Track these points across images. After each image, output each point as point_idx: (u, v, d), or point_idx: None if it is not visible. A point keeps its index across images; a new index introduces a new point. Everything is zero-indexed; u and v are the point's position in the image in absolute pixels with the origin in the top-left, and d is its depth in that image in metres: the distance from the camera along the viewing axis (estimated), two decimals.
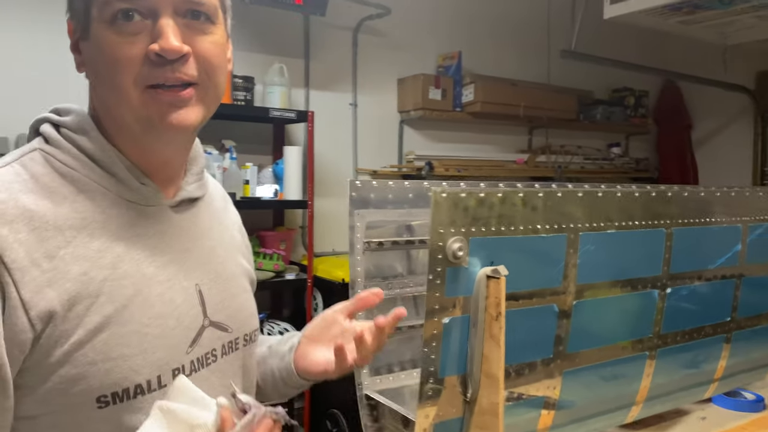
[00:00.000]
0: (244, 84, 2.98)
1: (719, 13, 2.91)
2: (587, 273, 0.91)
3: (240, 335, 0.91)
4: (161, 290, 0.79)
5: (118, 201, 0.79)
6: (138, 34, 0.74)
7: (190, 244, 0.86)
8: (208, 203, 0.94)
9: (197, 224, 0.89)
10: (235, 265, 0.95)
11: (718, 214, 1.10)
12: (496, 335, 0.77)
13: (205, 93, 0.80)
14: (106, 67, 0.76)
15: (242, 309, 0.93)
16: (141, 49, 0.74)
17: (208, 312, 0.85)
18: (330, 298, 3.05)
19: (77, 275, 0.72)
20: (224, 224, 0.98)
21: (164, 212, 0.84)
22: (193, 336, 0.81)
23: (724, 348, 1.17)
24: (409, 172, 3.68)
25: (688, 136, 4.89)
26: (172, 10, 0.75)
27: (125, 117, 0.77)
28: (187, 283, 0.83)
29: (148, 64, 0.74)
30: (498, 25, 4.12)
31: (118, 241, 0.77)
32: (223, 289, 0.89)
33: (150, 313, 0.76)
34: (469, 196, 0.77)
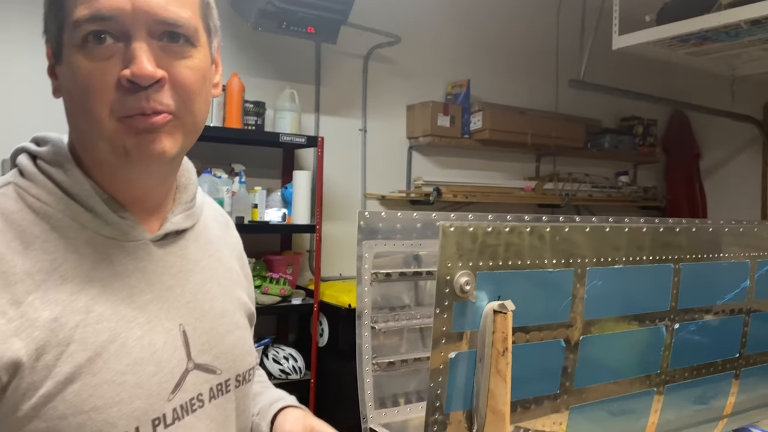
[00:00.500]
0: (255, 109, 3.01)
1: (727, 45, 2.93)
2: (594, 308, 0.91)
3: (231, 376, 0.84)
4: (140, 333, 0.73)
5: (94, 238, 0.74)
6: (110, 58, 0.69)
7: (174, 280, 0.80)
8: (200, 233, 0.88)
9: (185, 258, 0.83)
10: (230, 301, 0.88)
11: (726, 249, 1.10)
12: (502, 370, 0.77)
13: (182, 122, 0.74)
14: (78, 94, 0.71)
15: (234, 348, 0.85)
16: (113, 75, 0.69)
17: (193, 354, 0.78)
18: (336, 323, 3.04)
19: (46, 322, 0.66)
20: (219, 255, 0.91)
21: (146, 248, 0.78)
22: (176, 381, 0.75)
23: (732, 384, 1.16)
24: (418, 197, 3.69)
25: (696, 166, 4.89)
26: (147, 32, 0.70)
27: (100, 146, 0.72)
28: (170, 323, 0.77)
29: (121, 90, 0.69)
30: (507, 54, 4.16)
31: (93, 282, 0.71)
32: (210, 328, 0.82)
33: (127, 359, 0.70)
34: (477, 229, 0.78)
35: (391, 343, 1.02)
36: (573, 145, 4.18)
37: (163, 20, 0.70)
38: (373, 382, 0.98)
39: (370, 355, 0.98)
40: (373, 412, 0.97)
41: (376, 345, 1.01)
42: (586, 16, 3.49)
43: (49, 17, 0.74)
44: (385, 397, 1.00)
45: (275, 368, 2.94)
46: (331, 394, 3.08)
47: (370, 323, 0.98)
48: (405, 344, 1.05)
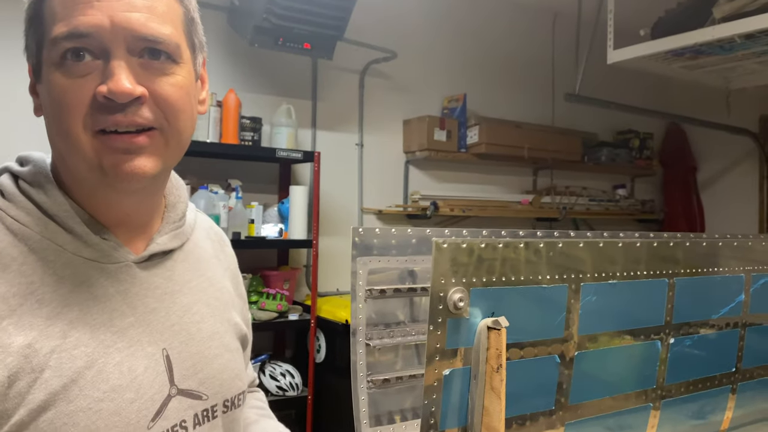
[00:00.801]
0: (251, 125, 3.02)
1: (721, 59, 2.95)
2: (589, 323, 0.91)
3: (218, 402, 0.81)
4: (119, 358, 0.70)
5: (74, 260, 0.71)
6: (87, 75, 0.68)
7: (159, 303, 0.77)
8: (190, 252, 0.86)
9: (171, 279, 0.80)
10: (219, 322, 0.86)
11: (721, 263, 1.10)
12: (497, 387, 0.76)
13: (165, 140, 0.72)
14: (54, 111, 0.69)
15: (222, 372, 0.83)
16: (89, 91, 0.68)
17: (176, 379, 0.76)
18: (333, 339, 3.03)
19: (20, 348, 0.64)
20: (210, 275, 0.88)
21: (128, 270, 0.75)
22: (157, 408, 0.72)
23: (729, 399, 1.15)
24: (415, 212, 3.70)
25: (693, 178, 4.90)
26: (126, 49, 0.68)
27: (78, 166, 0.71)
28: (152, 348, 0.74)
29: (97, 107, 0.68)
30: (503, 68, 4.19)
31: (71, 305, 0.69)
32: (196, 352, 0.80)
33: (104, 386, 0.68)
34: (471, 245, 0.78)
35: (386, 359, 1.02)
36: (570, 158, 4.20)
37: (143, 37, 0.69)
38: (368, 400, 0.98)
39: (365, 372, 0.97)
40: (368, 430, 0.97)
41: (371, 362, 1.00)
42: (581, 30, 3.51)
43: (29, 35, 0.73)
44: (380, 415, 0.99)
45: (272, 385, 2.92)
46: (329, 410, 3.07)
47: (365, 340, 0.97)
48: (400, 361, 1.05)
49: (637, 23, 2.89)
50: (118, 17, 0.67)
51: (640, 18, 2.91)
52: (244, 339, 0.93)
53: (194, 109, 0.78)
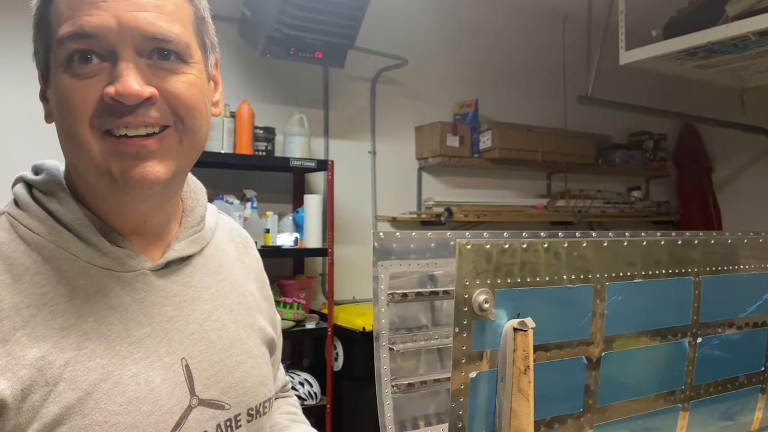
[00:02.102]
0: (264, 135, 3.04)
1: (735, 58, 2.93)
2: (615, 323, 0.90)
3: (242, 411, 0.79)
4: (136, 370, 0.69)
5: (88, 269, 0.70)
6: (94, 76, 0.66)
7: (177, 311, 0.75)
8: (210, 256, 0.84)
9: (190, 285, 0.78)
10: (242, 328, 0.84)
11: (746, 261, 1.08)
12: (524, 389, 0.75)
13: (178, 139, 0.71)
14: (62, 113, 0.68)
15: (245, 379, 0.80)
16: (97, 91, 0.66)
17: (197, 389, 0.74)
18: (350, 347, 3.02)
19: (34, 360, 0.63)
20: (232, 279, 0.86)
21: (144, 278, 0.73)
22: (176, 420, 0.71)
23: (759, 399, 1.13)
24: (429, 218, 3.69)
25: (708, 179, 4.86)
26: (133, 50, 0.66)
27: (88, 171, 0.69)
28: (170, 358, 0.72)
29: (105, 109, 0.66)
30: (514, 73, 4.18)
31: (86, 316, 0.67)
32: (218, 360, 0.78)
33: (120, 399, 0.66)
34: (494, 246, 0.77)
35: (410, 364, 1.01)
36: (583, 161, 4.17)
37: (152, 36, 0.67)
38: (393, 405, 0.97)
39: (389, 377, 0.96)
40: None
41: (394, 367, 0.99)
42: (591, 32, 3.50)
43: (36, 40, 0.72)
44: (405, 420, 0.99)
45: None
46: (348, 418, 3.05)
47: (388, 344, 0.97)
48: (423, 365, 1.04)
49: (649, 23, 2.88)
50: (124, 17, 0.65)
51: (652, 18, 2.89)
52: (272, 343, 0.91)
53: (208, 109, 0.76)
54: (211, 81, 0.79)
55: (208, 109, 0.76)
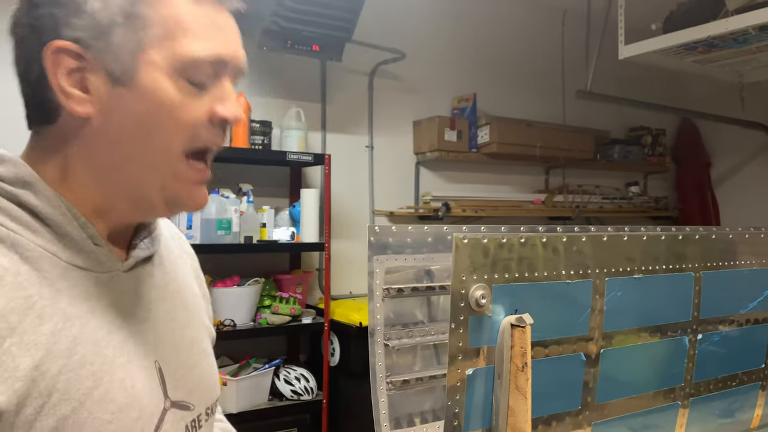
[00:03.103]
0: (261, 128, 3.01)
1: (734, 52, 2.91)
2: (615, 319, 0.88)
3: (202, 410, 0.79)
4: (122, 375, 0.67)
5: (69, 270, 0.65)
6: (204, 92, 0.68)
7: (146, 313, 0.74)
8: (162, 256, 0.82)
9: (154, 285, 0.77)
10: (197, 327, 0.83)
11: (746, 257, 1.07)
12: (522, 387, 0.74)
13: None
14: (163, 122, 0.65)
15: (203, 378, 0.80)
16: (206, 108, 0.68)
17: (169, 391, 0.73)
18: (347, 342, 3.01)
19: (27, 371, 0.59)
20: (182, 277, 0.85)
21: (118, 279, 0.71)
22: (156, 422, 0.69)
23: (759, 396, 1.12)
24: (426, 213, 3.67)
25: (707, 174, 4.85)
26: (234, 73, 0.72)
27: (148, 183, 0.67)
28: (147, 361, 0.71)
29: (207, 126, 0.68)
30: (513, 67, 4.16)
31: (72, 320, 0.63)
32: (183, 361, 0.77)
33: (111, 407, 0.64)
34: (491, 241, 0.75)
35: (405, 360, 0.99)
36: (582, 156, 4.16)
37: (243, 71, 0.73)
38: (388, 402, 0.95)
39: (383, 373, 0.95)
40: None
41: (389, 363, 0.98)
42: (591, 26, 3.48)
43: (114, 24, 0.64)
44: (400, 417, 0.97)
45: (287, 389, 2.90)
46: (345, 414, 3.04)
47: (383, 340, 0.95)
48: (419, 362, 1.02)
49: (649, 17, 2.86)
50: (240, 49, 0.72)
51: (652, 12, 2.87)
52: (213, 341, 0.90)
53: None
54: None
55: None
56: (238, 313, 2.80)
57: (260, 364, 2.91)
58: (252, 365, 2.91)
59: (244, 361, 2.92)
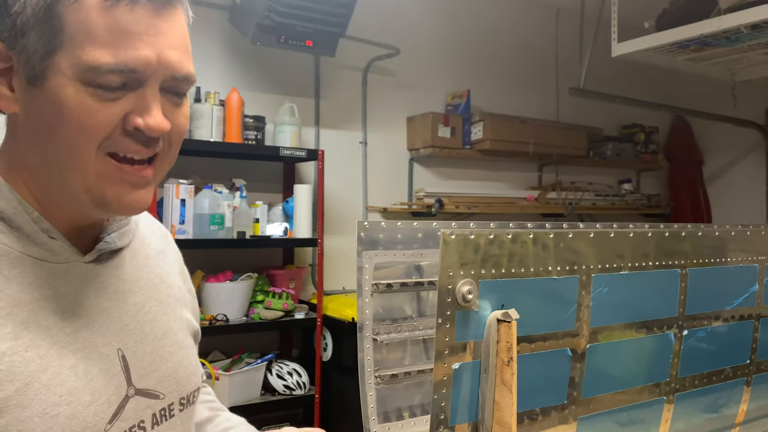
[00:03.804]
0: (254, 123, 3.01)
1: (727, 51, 2.93)
2: (601, 315, 0.89)
3: (175, 400, 0.81)
4: (74, 361, 0.68)
5: (21, 259, 0.68)
6: (117, 100, 0.66)
7: (111, 303, 0.76)
8: (137, 250, 0.84)
9: (121, 278, 0.79)
10: (172, 320, 0.85)
11: (733, 254, 1.08)
12: (508, 381, 0.74)
13: (161, 165, 0.73)
14: (67, 128, 0.65)
15: (178, 369, 0.82)
16: (118, 115, 0.66)
17: (134, 379, 0.75)
18: (339, 337, 3.01)
19: None
20: (159, 272, 0.86)
21: (78, 269, 0.73)
22: (114, 409, 0.71)
23: (744, 391, 1.13)
24: (419, 209, 3.68)
25: (699, 172, 4.87)
26: (159, 84, 0.68)
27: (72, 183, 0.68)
28: (107, 349, 0.73)
29: (121, 133, 0.67)
30: (506, 64, 4.16)
31: (21, 306, 0.66)
32: (152, 351, 0.79)
33: (60, 389, 0.66)
34: (479, 237, 0.76)
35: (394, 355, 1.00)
36: (575, 153, 4.17)
37: (179, 77, 0.69)
38: (376, 396, 0.96)
39: (372, 368, 0.96)
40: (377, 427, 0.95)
41: (378, 357, 0.99)
42: (584, 24, 3.49)
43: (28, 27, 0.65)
44: (388, 411, 0.98)
45: (279, 384, 2.91)
46: (337, 409, 3.05)
47: (372, 335, 0.96)
48: (408, 356, 1.03)
49: (642, 15, 2.87)
50: (164, 54, 0.67)
51: (645, 10, 2.88)
52: (196, 335, 0.92)
53: None
54: None
55: None
56: (231, 308, 2.80)
57: (253, 359, 2.92)
58: (244, 360, 2.92)
59: (237, 355, 2.92)
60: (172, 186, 2.66)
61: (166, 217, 2.69)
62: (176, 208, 2.67)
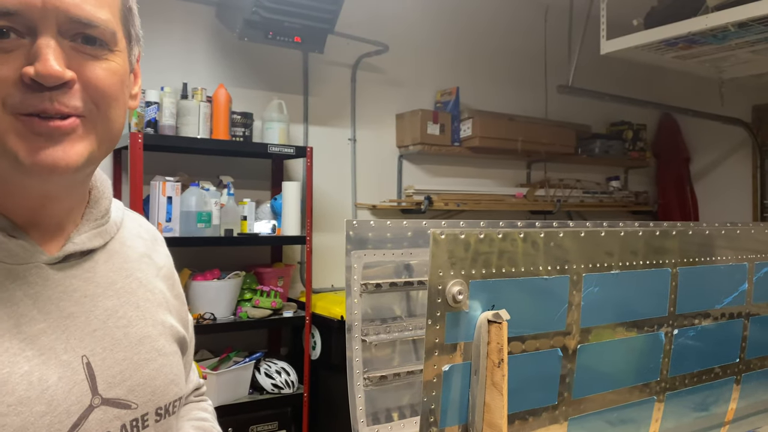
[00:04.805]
0: (242, 120, 2.99)
1: (714, 48, 2.94)
2: (591, 315, 0.88)
3: (150, 410, 0.75)
4: (28, 368, 0.64)
5: None
6: (12, 51, 0.61)
7: (77, 307, 0.71)
8: (115, 252, 0.79)
9: (92, 281, 0.74)
10: (151, 325, 0.80)
11: (723, 252, 1.08)
12: (498, 383, 0.74)
13: (93, 129, 0.67)
14: None
15: (155, 378, 0.77)
16: (14, 70, 0.61)
17: (101, 388, 0.70)
18: (328, 335, 3.00)
19: None
20: (139, 275, 0.82)
21: (39, 271, 0.69)
22: (75, 420, 0.66)
23: (734, 390, 1.13)
24: (409, 206, 3.67)
25: (687, 169, 4.90)
26: (56, 29, 0.63)
27: None
28: (68, 356, 0.68)
29: (22, 88, 0.62)
30: (495, 61, 4.16)
31: None
32: (124, 358, 0.74)
33: (9, 399, 0.62)
34: (469, 236, 0.75)
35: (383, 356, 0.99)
36: (563, 151, 4.18)
37: (77, 19, 0.64)
38: (365, 397, 0.95)
39: (361, 369, 0.94)
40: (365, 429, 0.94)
41: (367, 358, 0.97)
42: (573, 21, 3.49)
43: None
44: (378, 412, 0.97)
45: (267, 382, 2.89)
46: (325, 407, 3.04)
47: (361, 336, 0.95)
48: (397, 357, 1.02)
49: (630, 13, 2.87)
50: None
51: (633, 8, 2.89)
52: (183, 342, 0.87)
53: (127, 101, 0.73)
54: (132, 74, 0.77)
55: (127, 101, 0.73)
56: (218, 307, 2.78)
57: (241, 358, 2.90)
58: (232, 359, 2.89)
59: (225, 354, 2.90)
60: (159, 183, 2.63)
61: (152, 214, 2.66)
62: (163, 206, 2.64)
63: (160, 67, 2.97)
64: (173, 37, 3.03)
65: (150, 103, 2.74)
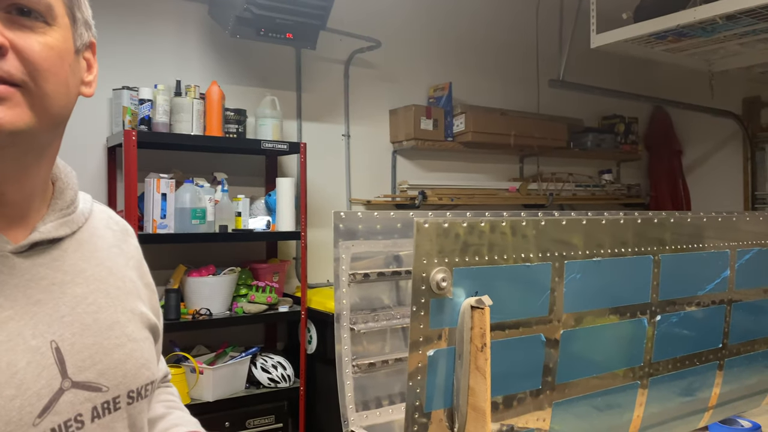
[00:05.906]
0: (235, 117, 3.00)
1: (703, 41, 2.96)
2: (574, 301, 0.91)
3: (122, 393, 0.77)
4: None
5: None
6: None
7: (45, 294, 0.72)
8: (84, 241, 0.80)
9: (60, 269, 0.75)
10: (121, 312, 0.81)
11: (706, 240, 1.10)
12: (481, 367, 0.76)
13: (29, 99, 0.66)
14: None
15: (126, 362, 0.78)
16: None
17: (70, 372, 0.71)
18: (324, 330, 3.02)
19: None
20: (109, 264, 0.83)
21: (5, 260, 0.70)
22: (45, 403, 0.68)
23: (717, 375, 1.16)
24: (403, 201, 3.69)
25: (678, 162, 4.93)
26: None
27: None
28: (37, 341, 0.70)
29: None
30: (487, 56, 4.18)
31: None
32: (94, 342, 0.75)
33: None
34: (453, 225, 0.77)
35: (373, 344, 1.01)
36: (556, 145, 4.20)
37: None
38: (354, 384, 0.97)
39: (349, 357, 0.96)
40: (354, 415, 0.96)
41: (358, 347, 1.00)
42: (564, 15, 3.51)
43: None
44: (367, 399, 0.99)
45: (264, 377, 2.91)
46: (322, 401, 3.06)
47: (349, 325, 0.97)
48: (387, 345, 1.04)
49: (620, 7, 2.89)
50: None
51: (623, 1, 2.91)
52: (155, 329, 0.89)
53: (69, 80, 0.72)
54: (84, 60, 0.77)
55: (72, 81, 0.73)
56: (214, 303, 2.80)
57: (237, 353, 2.92)
58: (229, 354, 2.91)
59: (221, 349, 2.92)
60: (153, 180, 2.65)
61: (147, 211, 2.67)
62: (157, 203, 2.65)
63: (153, 65, 2.98)
64: (166, 35, 3.04)
65: (143, 100, 2.75)
